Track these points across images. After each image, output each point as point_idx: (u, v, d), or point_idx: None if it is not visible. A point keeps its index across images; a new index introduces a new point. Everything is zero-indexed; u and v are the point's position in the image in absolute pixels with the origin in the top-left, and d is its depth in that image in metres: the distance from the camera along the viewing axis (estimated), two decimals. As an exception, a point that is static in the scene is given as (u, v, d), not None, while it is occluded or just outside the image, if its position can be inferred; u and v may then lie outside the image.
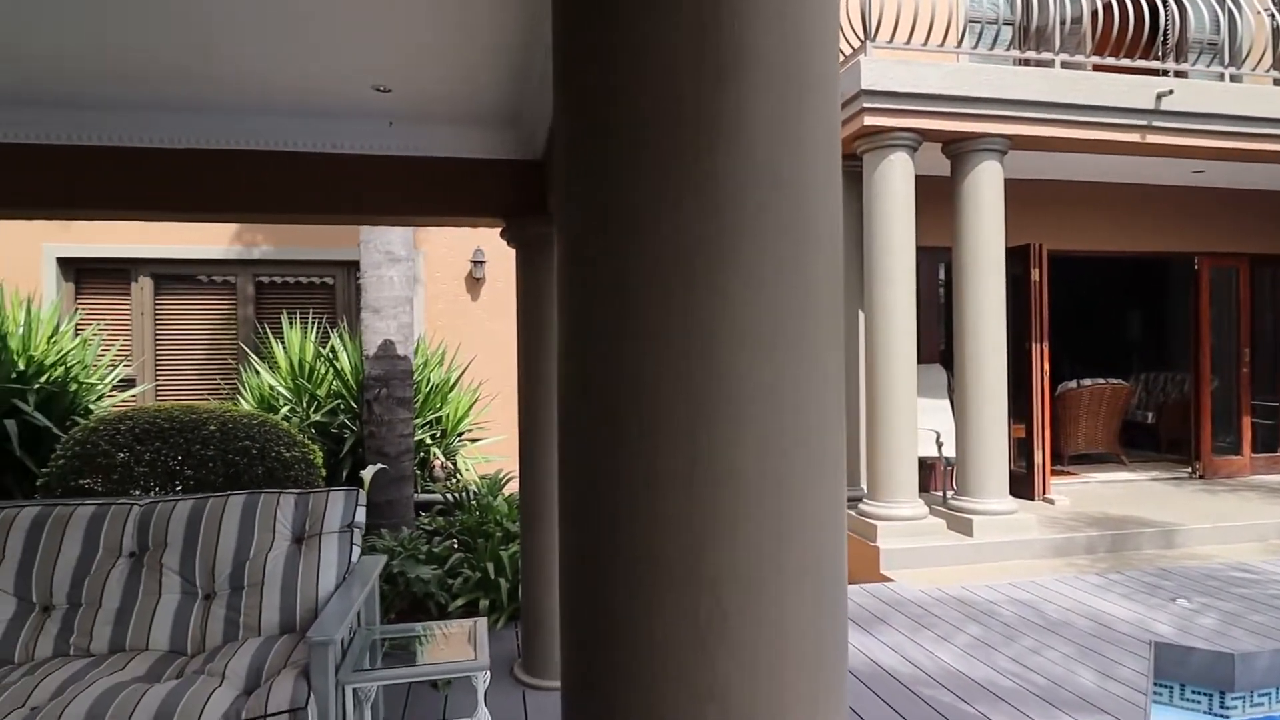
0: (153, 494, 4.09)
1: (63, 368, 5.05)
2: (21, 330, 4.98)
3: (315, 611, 2.87)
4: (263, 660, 2.53)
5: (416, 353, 6.11)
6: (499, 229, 3.95)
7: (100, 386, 5.32)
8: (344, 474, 5.40)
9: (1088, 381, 8.69)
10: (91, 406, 5.20)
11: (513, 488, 6.00)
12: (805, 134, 0.92)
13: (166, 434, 4.17)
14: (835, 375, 0.95)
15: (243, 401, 6.00)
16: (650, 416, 0.88)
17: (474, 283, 8.38)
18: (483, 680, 2.72)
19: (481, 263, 8.33)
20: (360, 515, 3.13)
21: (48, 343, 5.08)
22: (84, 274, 7.80)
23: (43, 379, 4.92)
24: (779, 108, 0.90)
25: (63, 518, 2.92)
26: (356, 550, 3.08)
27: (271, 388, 5.85)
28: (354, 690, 2.64)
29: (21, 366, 4.86)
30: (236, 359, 7.82)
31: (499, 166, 3.74)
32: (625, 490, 0.90)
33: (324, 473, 4.74)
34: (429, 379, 6.14)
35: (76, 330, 5.55)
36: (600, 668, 0.93)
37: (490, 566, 4.31)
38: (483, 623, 2.99)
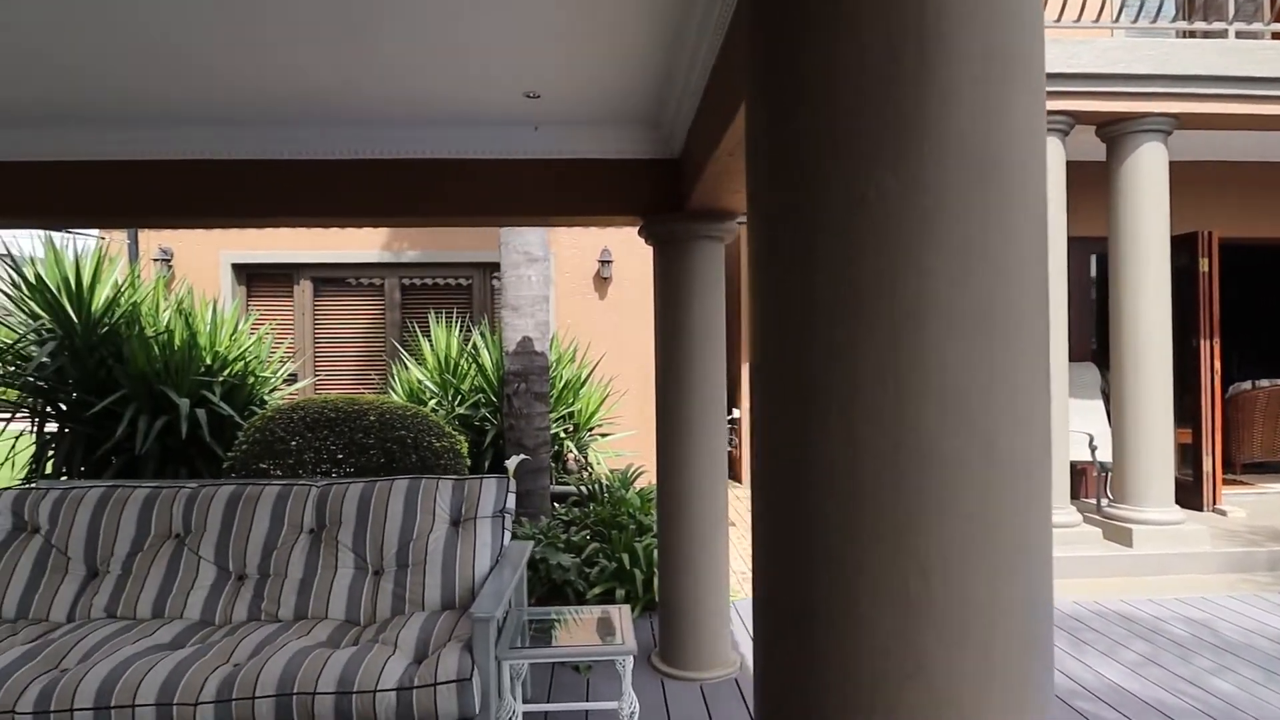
0: (320, 478, 4.45)
1: (242, 363, 5.58)
2: (208, 329, 5.54)
3: (472, 590, 3.05)
4: (429, 633, 2.71)
5: (550, 349, 6.33)
6: (635, 228, 4.04)
7: (273, 380, 5.84)
8: (486, 464, 5.67)
9: (1265, 383, 7.88)
10: (265, 398, 5.72)
11: (643, 482, 6.11)
12: (1010, 116, 0.91)
13: (333, 423, 4.53)
14: (1042, 362, 0.93)
15: (393, 394, 6.42)
16: (852, 397, 0.89)
17: (601, 282, 8.59)
18: (628, 665, 2.80)
19: (608, 262, 8.52)
20: (511, 502, 3.29)
21: (230, 340, 5.63)
22: (254, 278, 8.59)
23: (226, 373, 5.45)
24: (983, 92, 0.90)
25: (253, 496, 3.24)
26: (508, 535, 3.24)
27: (419, 382, 6.22)
28: (509, 666, 2.78)
29: (209, 361, 5.41)
30: (385, 355, 8.37)
31: (637, 166, 3.83)
32: (824, 470, 0.92)
33: (468, 462, 5.00)
34: (562, 375, 6.34)
35: (251, 329, 6.11)
36: (799, 648, 0.96)
37: (625, 558, 4.41)
38: (626, 610, 3.07)
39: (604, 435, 6.79)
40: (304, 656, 2.51)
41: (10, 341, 5.25)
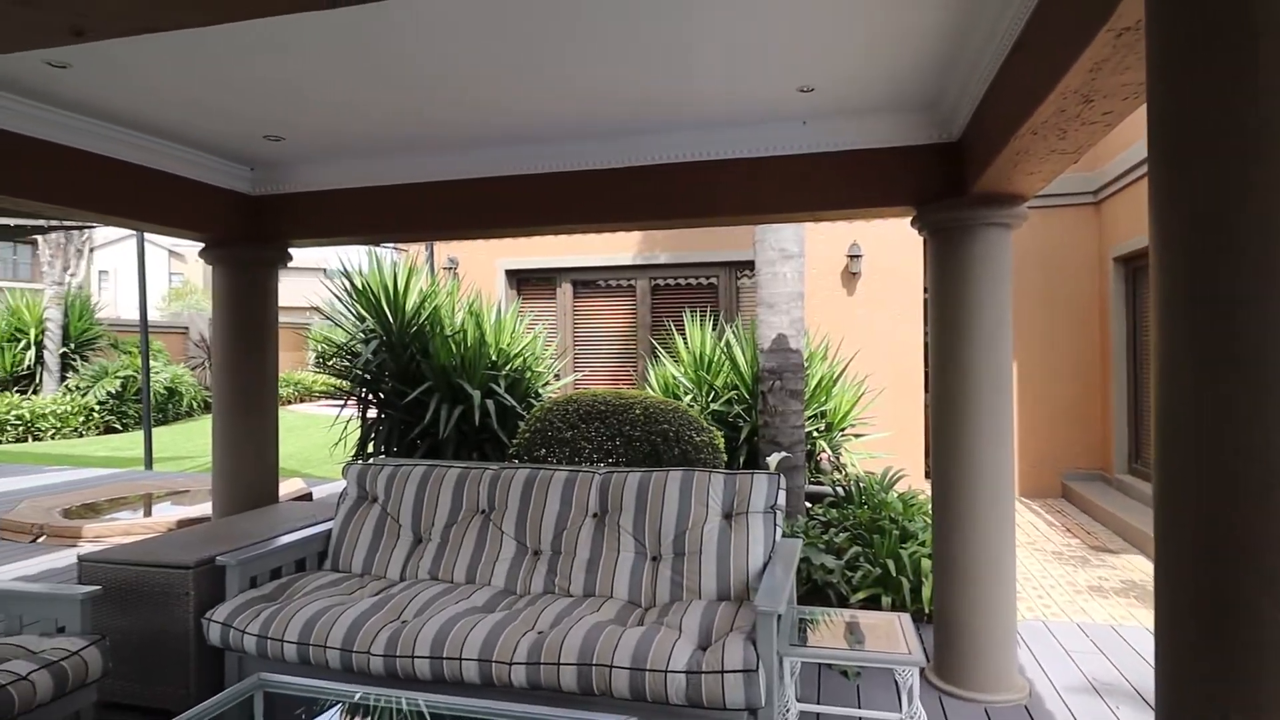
0: (600, 465, 4.78)
1: (520, 359, 6.17)
2: (492, 329, 6.19)
3: (746, 583, 3.09)
4: (710, 621, 2.79)
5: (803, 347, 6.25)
6: (887, 219, 3.86)
7: (546, 375, 6.39)
8: (741, 460, 5.73)
9: None
10: (540, 391, 6.27)
11: (903, 486, 5.82)
12: None
13: (602, 415, 4.84)
14: None
15: (649, 390, 6.71)
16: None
17: (850, 277, 8.32)
18: (913, 677, 2.67)
19: (858, 257, 8.23)
20: (781, 499, 3.29)
21: (510, 338, 6.25)
22: (523, 282, 9.44)
23: (507, 368, 6.05)
24: None
25: (545, 480, 3.55)
26: (779, 531, 3.24)
27: (674, 378, 6.45)
28: (789, 662, 2.78)
29: (493, 357, 6.04)
30: (637, 352, 8.79)
31: (910, 153, 3.65)
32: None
33: (724, 457, 5.08)
34: (814, 373, 6.24)
35: (526, 329, 6.72)
36: (1217, 665, 0.84)
37: (891, 564, 4.23)
38: (907, 619, 2.94)
39: (857, 435, 6.57)
40: (599, 631, 2.70)
41: (343, 341, 6.24)
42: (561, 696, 2.63)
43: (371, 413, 6.06)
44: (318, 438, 10.44)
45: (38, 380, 14.25)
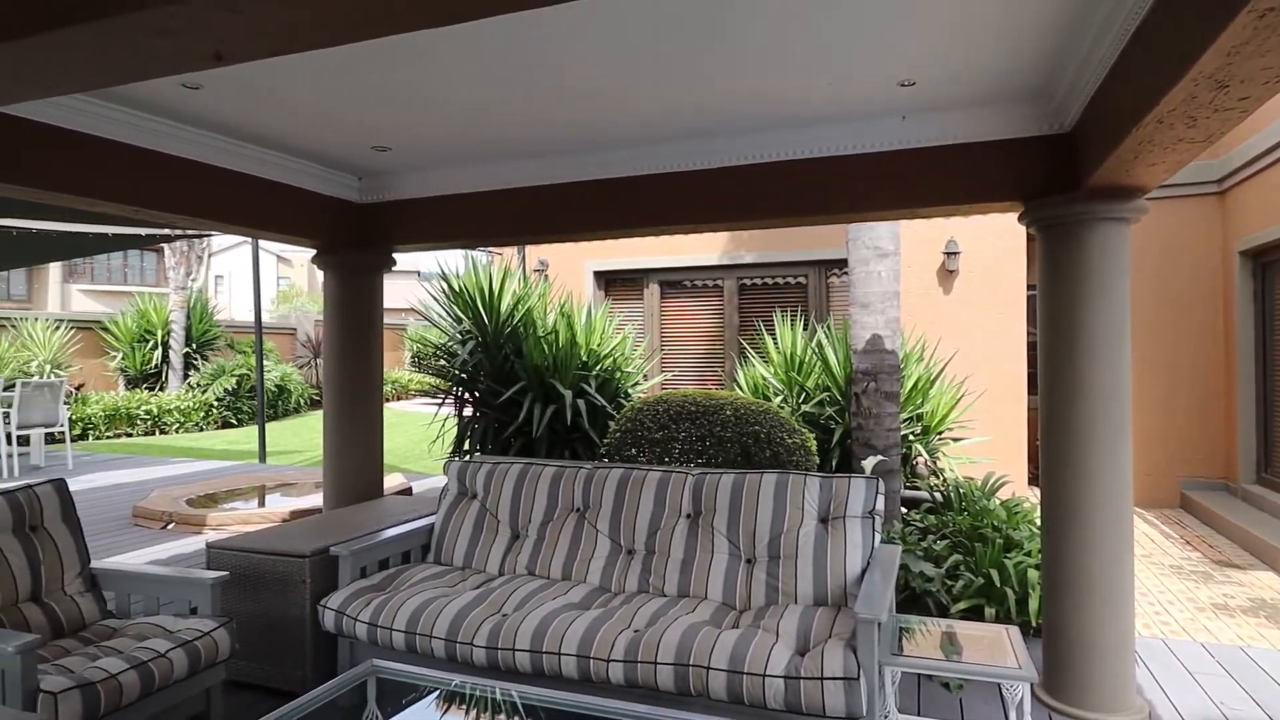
0: (693, 466, 4.79)
1: (610, 359, 6.24)
2: (583, 330, 6.29)
3: (844, 589, 3.04)
4: (808, 626, 2.75)
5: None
6: (988, 214, 3.70)
7: (635, 375, 6.45)
8: (833, 463, 5.63)
9: None
10: (629, 391, 6.33)
11: (1006, 493, 5.59)
12: None
13: (693, 416, 4.85)
14: None
15: (737, 390, 6.67)
16: None
17: (946, 275, 8.05)
18: (1024, 693, 2.56)
19: (954, 254, 7.95)
20: (880, 504, 3.22)
21: (600, 339, 6.33)
22: (610, 283, 9.55)
23: (597, 368, 6.14)
24: None
25: (639, 480, 3.58)
26: (877, 537, 3.17)
27: (764, 379, 6.39)
28: (890, 672, 2.72)
29: (584, 358, 6.13)
30: (724, 352, 8.76)
31: (1017, 146, 3.50)
32: None
33: (817, 460, 5.00)
34: (910, 374, 6.06)
35: (615, 330, 6.80)
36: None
37: (994, 574, 4.06)
38: (1015, 632, 2.82)
39: (955, 440, 6.34)
40: (695, 632, 2.70)
41: (441, 342, 6.46)
42: (658, 696, 2.65)
43: (467, 411, 6.26)
44: (414, 434, 10.86)
45: (164, 378, 15.36)
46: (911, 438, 5.92)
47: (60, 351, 13.68)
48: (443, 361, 6.40)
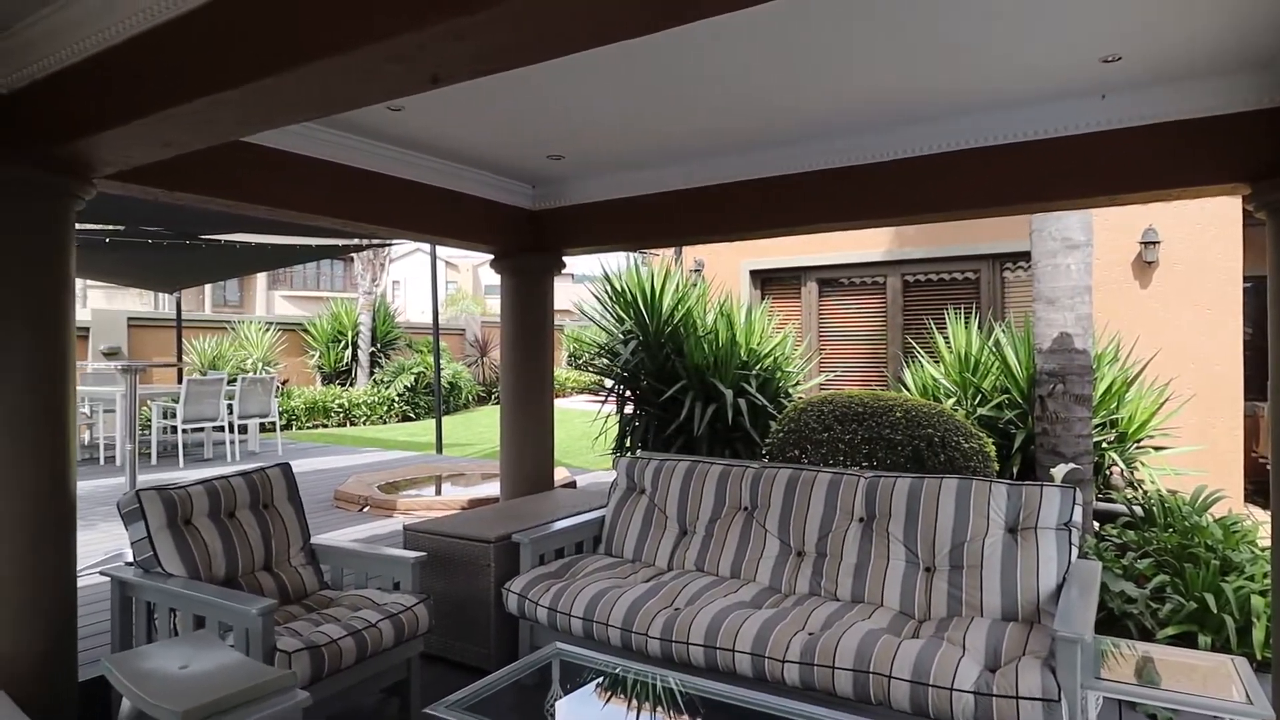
0: (866, 469, 4.66)
1: (770, 359, 6.19)
2: (742, 329, 6.27)
3: (1036, 605, 2.84)
4: (998, 641, 2.60)
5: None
6: (1214, 199, 3.31)
7: (796, 375, 6.36)
8: (1014, 470, 5.28)
9: None
10: (790, 391, 6.24)
11: (1221, 509, 5.00)
12: None
13: (860, 417, 4.70)
14: None
15: (905, 391, 6.40)
16: None
17: (1143, 267, 7.30)
18: (1258, 732, 2.29)
19: (1153, 243, 7.20)
20: (1077, 515, 2.98)
21: (760, 338, 6.29)
22: (767, 282, 9.45)
23: (757, 367, 6.10)
24: None
25: (808, 481, 3.53)
26: (1074, 552, 2.94)
27: (935, 380, 6.09)
28: (1093, 697, 2.52)
29: (744, 357, 6.12)
30: (887, 351, 8.42)
31: (1241, 121, 3.12)
32: None
33: (996, 466, 4.71)
34: (1102, 376, 5.56)
35: (774, 330, 6.73)
36: None
37: (1210, 598, 3.65)
38: (1244, 663, 2.52)
39: (1156, 449, 5.74)
40: (874, 639, 2.63)
41: (604, 341, 6.67)
42: (834, 700, 2.60)
43: (628, 409, 6.42)
44: (573, 430, 11.27)
45: (353, 375, 16.91)
46: (1105, 445, 5.43)
47: (270, 351, 15.38)
48: (604, 360, 6.60)
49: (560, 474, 7.25)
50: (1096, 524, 4.93)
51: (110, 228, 5.96)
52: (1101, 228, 7.05)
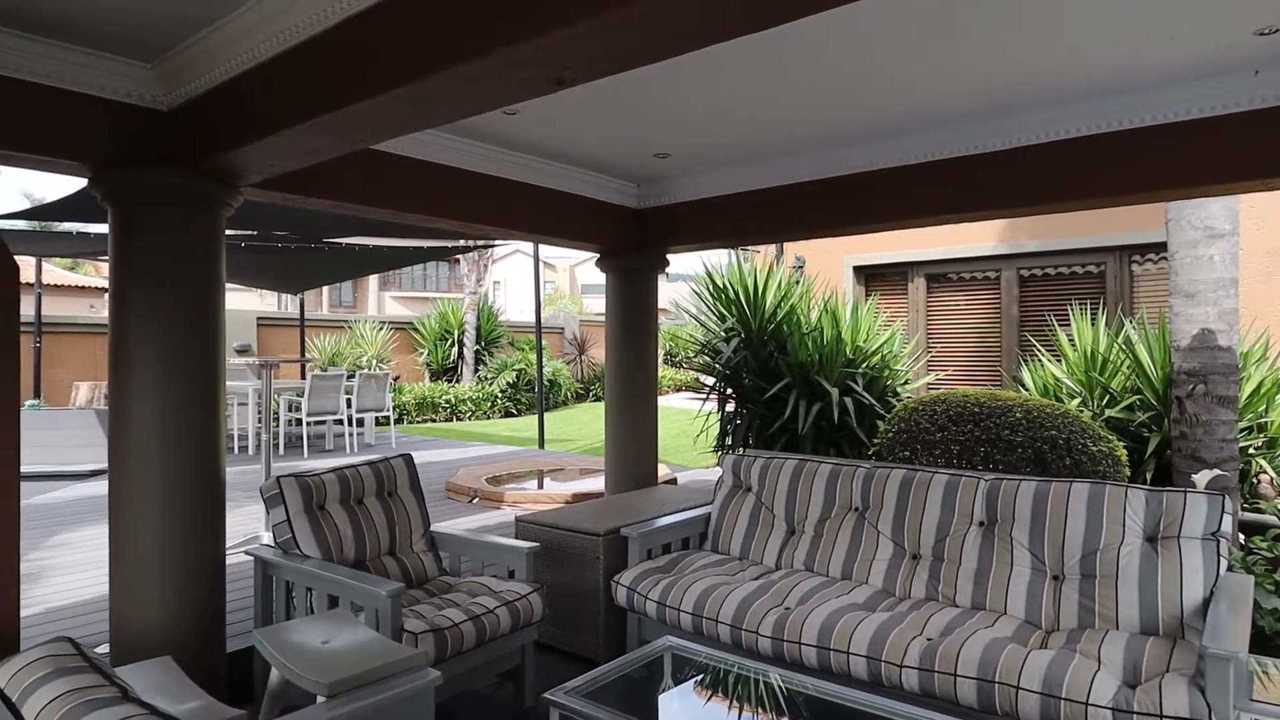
0: (985, 471, 4.48)
1: (877, 356, 6.02)
2: (848, 327, 6.13)
3: (1179, 619, 2.66)
4: (1138, 656, 2.45)
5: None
6: None
7: (905, 373, 6.16)
8: (1146, 477, 4.94)
9: None
10: (898, 390, 6.06)
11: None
12: None
13: (977, 418, 4.51)
14: None
15: (1022, 391, 6.10)
16: None
17: (1297, 257, 6.68)
18: None
19: (1310, 231, 6.57)
20: (1226, 525, 2.76)
21: (866, 336, 6.13)
22: (871, 278, 9.20)
23: (864, 365, 5.95)
24: None
25: (924, 482, 3.41)
26: (1224, 564, 2.73)
27: (1056, 379, 5.77)
28: (1245, 719, 2.33)
29: (849, 355, 5.98)
30: (1001, 349, 8.04)
31: None
32: None
33: (1127, 472, 4.42)
34: (1249, 376, 5.12)
35: (881, 328, 6.54)
36: None
37: (1382, 621, 3.31)
38: None
39: (1313, 456, 5.24)
40: (999, 647, 2.52)
41: (705, 339, 6.66)
42: (956, 709, 2.51)
43: (729, 406, 6.39)
44: (672, 428, 11.30)
45: (459, 371, 17.55)
46: (1251, 451, 5.00)
47: (383, 348, 16.16)
48: (705, 358, 6.59)
49: (663, 470, 7.30)
50: (1242, 536, 4.55)
51: (245, 233, 6.42)
52: (1247, 215, 6.50)
